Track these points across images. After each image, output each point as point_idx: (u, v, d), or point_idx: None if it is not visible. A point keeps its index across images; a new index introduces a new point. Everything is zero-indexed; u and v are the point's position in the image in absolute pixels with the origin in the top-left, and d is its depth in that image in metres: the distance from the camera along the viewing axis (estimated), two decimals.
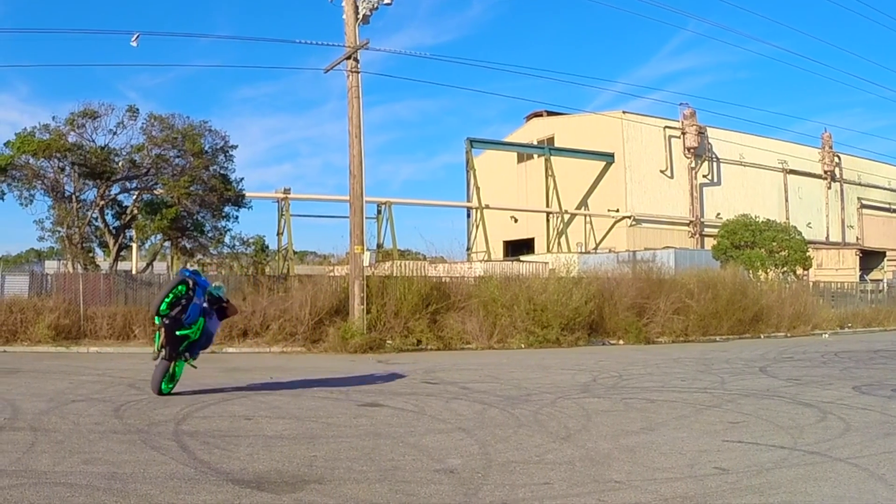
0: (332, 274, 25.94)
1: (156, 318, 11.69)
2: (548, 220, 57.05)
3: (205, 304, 12.05)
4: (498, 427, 9.73)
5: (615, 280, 27.49)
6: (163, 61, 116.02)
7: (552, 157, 55.82)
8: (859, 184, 68.09)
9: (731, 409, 11.30)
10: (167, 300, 11.60)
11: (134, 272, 30.41)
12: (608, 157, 54.84)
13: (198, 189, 26.27)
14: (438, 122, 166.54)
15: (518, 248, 59.11)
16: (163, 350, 11.63)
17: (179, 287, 11.76)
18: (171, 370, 11.91)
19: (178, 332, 11.65)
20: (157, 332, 11.74)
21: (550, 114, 59.79)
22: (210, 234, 28.38)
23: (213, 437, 8.83)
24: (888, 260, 59.64)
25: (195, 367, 12.41)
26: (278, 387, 12.03)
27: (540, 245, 56.99)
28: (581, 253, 46.82)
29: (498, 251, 57.97)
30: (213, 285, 12.55)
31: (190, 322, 11.77)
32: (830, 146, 64.23)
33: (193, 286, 11.91)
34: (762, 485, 6.92)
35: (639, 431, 9.52)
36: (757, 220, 42.90)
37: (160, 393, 11.77)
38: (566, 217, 55.22)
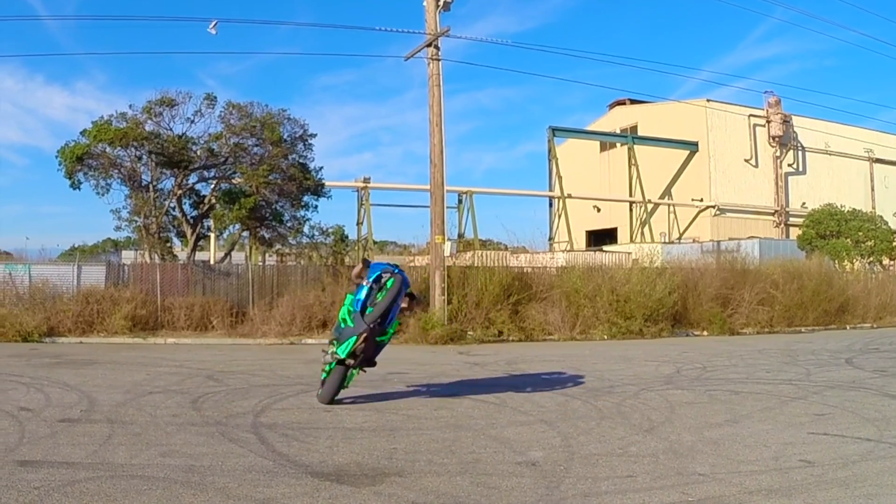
0: (412, 264, 25.95)
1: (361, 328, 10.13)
2: (631, 210, 56.49)
3: (403, 305, 10.75)
4: (580, 419, 9.74)
5: (699, 270, 27.23)
6: (242, 49, 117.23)
7: (635, 146, 55.21)
8: None
9: (816, 400, 11.17)
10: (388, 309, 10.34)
11: (212, 262, 30.55)
12: (692, 146, 53.98)
13: (276, 178, 26.36)
14: (521, 111, 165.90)
15: (601, 237, 58.60)
16: (354, 357, 10.29)
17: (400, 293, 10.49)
18: (345, 378, 10.56)
19: (377, 339, 10.48)
20: (354, 337, 10.12)
21: (634, 102, 59.07)
22: (289, 224, 28.44)
23: (292, 430, 8.86)
24: None
25: (364, 373, 11.15)
26: (357, 378, 11.85)
27: (623, 235, 56.49)
28: (664, 243, 46.30)
29: (580, 241, 57.57)
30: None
31: (389, 326, 10.59)
32: None
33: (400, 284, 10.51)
34: (848, 478, 6.87)
35: (723, 423, 9.48)
36: (842, 209, 41.88)
37: (330, 402, 10.47)
38: (649, 206, 54.57)
